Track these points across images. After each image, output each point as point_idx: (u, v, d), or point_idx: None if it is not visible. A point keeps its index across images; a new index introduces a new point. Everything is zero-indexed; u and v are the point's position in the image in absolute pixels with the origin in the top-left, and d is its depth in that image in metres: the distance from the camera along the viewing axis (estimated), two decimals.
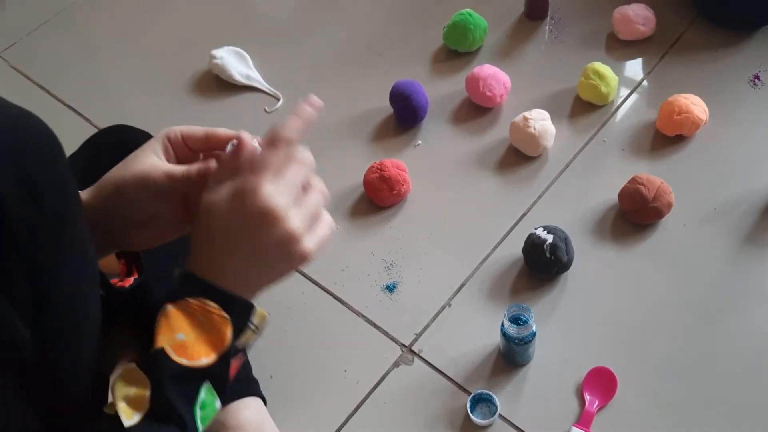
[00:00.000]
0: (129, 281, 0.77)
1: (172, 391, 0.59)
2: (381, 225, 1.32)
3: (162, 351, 0.59)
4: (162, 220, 0.68)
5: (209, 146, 0.68)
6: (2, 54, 1.67)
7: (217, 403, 0.63)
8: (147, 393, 0.58)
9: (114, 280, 0.75)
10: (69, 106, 1.55)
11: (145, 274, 0.77)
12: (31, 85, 1.60)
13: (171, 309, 0.60)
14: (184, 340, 0.59)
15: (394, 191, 1.30)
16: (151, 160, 0.66)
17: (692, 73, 1.46)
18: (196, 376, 0.60)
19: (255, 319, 0.63)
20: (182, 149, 0.68)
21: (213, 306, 0.60)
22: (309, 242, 0.60)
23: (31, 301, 0.55)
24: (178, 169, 0.65)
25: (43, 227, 0.54)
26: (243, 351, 0.65)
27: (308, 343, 1.20)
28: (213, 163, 0.65)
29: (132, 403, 0.58)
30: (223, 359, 0.61)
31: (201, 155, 0.69)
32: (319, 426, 1.12)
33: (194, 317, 0.60)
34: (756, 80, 1.45)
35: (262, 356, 1.17)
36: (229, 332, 0.61)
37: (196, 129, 0.68)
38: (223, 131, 0.68)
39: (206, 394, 0.61)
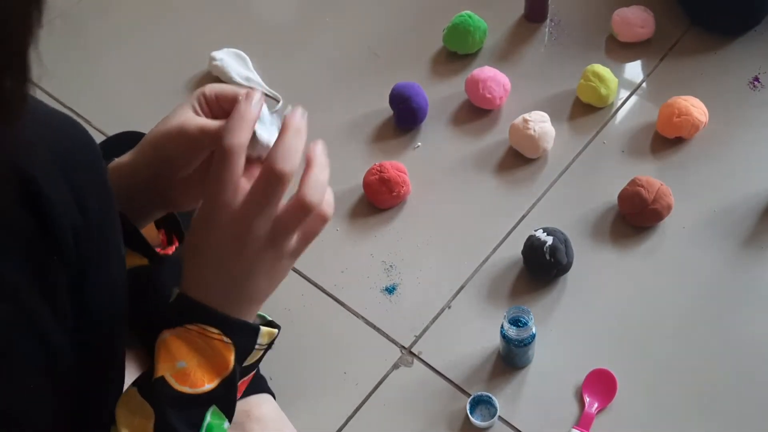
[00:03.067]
0: (171, 250, 0.75)
1: (175, 418, 0.58)
2: (380, 227, 1.32)
3: (163, 380, 0.58)
4: (201, 175, 0.66)
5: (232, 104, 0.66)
6: None
7: (226, 425, 0.62)
8: (150, 424, 0.57)
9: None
10: (68, 107, 1.55)
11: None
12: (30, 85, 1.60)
13: (169, 337, 0.59)
14: (186, 367, 0.58)
15: (393, 193, 1.30)
16: (187, 115, 0.64)
17: (692, 75, 1.46)
18: (200, 402, 0.59)
19: (262, 339, 0.62)
20: (217, 108, 0.66)
21: (214, 332, 0.59)
22: (293, 251, 0.60)
23: (71, 308, 0.56)
24: (213, 123, 0.63)
25: (87, 233, 0.55)
26: (254, 368, 0.64)
27: (308, 345, 1.20)
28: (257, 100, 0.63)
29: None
30: (228, 383, 0.60)
31: None
32: (319, 428, 1.12)
33: (194, 344, 0.59)
34: (755, 82, 1.45)
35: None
36: (231, 357, 0.59)
37: (227, 88, 0.66)
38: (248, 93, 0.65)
39: (212, 417, 0.60)
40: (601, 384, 1.11)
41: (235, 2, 1.73)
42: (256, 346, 0.62)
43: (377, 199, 1.32)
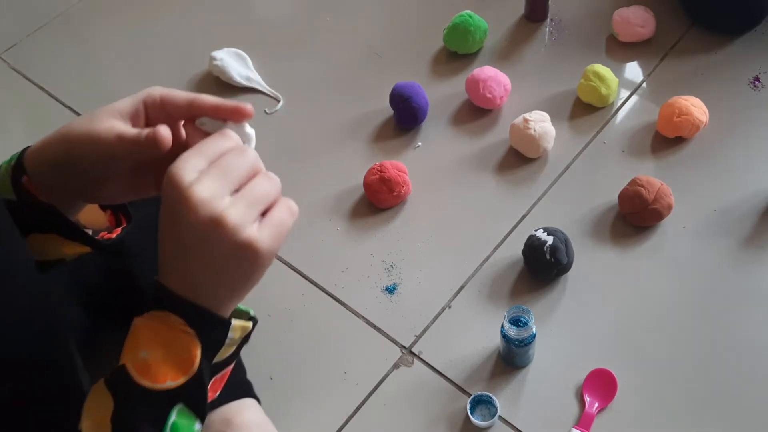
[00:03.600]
0: (118, 231, 0.71)
1: (134, 413, 0.55)
2: (381, 227, 1.32)
3: (124, 370, 0.55)
4: (115, 181, 0.63)
5: (192, 114, 0.61)
6: (2, 55, 1.67)
7: (197, 426, 0.58)
8: (109, 416, 0.55)
9: (103, 234, 0.71)
10: (69, 107, 1.55)
11: (133, 221, 0.71)
12: (31, 86, 1.60)
13: (138, 322, 0.56)
14: (147, 358, 0.55)
15: (393, 193, 1.30)
16: (109, 122, 0.59)
17: (692, 75, 1.46)
18: (162, 399, 0.56)
19: (234, 333, 0.58)
20: (159, 114, 0.61)
21: (177, 321, 0.55)
22: (253, 230, 0.54)
23: None
24: (130, 132, 0.59)
25: None
26: (228, 364, 0.61)
27: (308, 344, 1.20)
28: (165, 131, 0.57)
29: (98, 425, 0.55)
30: (195, 381, 0.56)
31: (183, 123, 0.62)
32: (319, 427, 1.12)
33: (159, 333, 0.55)
34: (756, 82, 1.45)
35: (262, 357, 1.17)
36: (197, 351, 0.56)
37: (179, 94, 0.61)
38: (209, 99, 0.60)
39: (179, 416, 0.57)
40: (602, 384, 1.11)
41: (235, 2, 1.73)
42: (227, 341, 0.58)
43: (377, 199, 1.32)
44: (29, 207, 0.63)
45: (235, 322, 0.58)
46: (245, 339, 0.60)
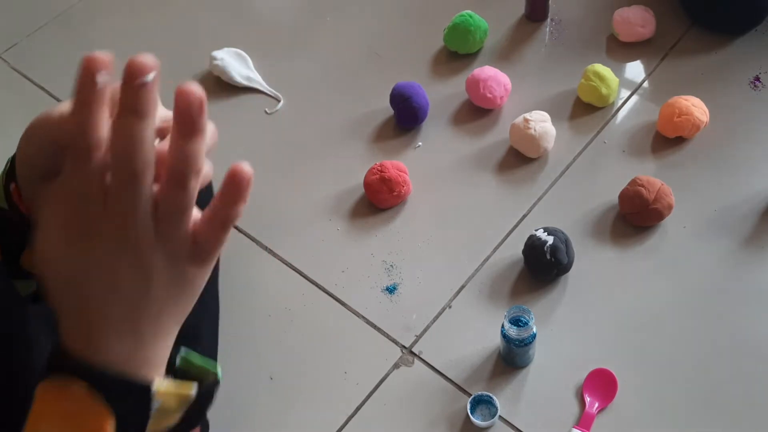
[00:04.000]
0: None
1: None
2: (381, 226, 1.32)
3: None
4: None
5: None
6: (3, 55, 1.67)
7: None
8: None
9: None
10: None
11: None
12: (31, 86, 1.60)
13: (38, 393, 0.43)
14: None
15: (394, 193, 1.30)
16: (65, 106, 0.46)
17: (692, 75, 1.46)
18: None
19: (165, 401, 0.44)
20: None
21: (80, 390, 0.42)
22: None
23: None
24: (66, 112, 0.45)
25: None
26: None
27: (308, 344, 1.20)
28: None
29: None
30: None
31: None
32: (319, 428, 1.12)
33: (59, 406, 0.43)
34: (756, 82, 1.45)
35: (262, 357, 1.17)
36: (109, 427, 0.42)
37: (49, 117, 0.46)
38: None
39: None
40: (602, 384, 1.11)
41: (236, 2, 1.73)
42: (153, 411, 0.43)
43: (378, 199, 1.32)
44: (20, 219, 0.54)
45: (163, 387, 0.44)
46: (207, 399, 0.47)
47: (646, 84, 1.47)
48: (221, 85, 1.54)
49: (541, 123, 1.33)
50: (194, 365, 0.48)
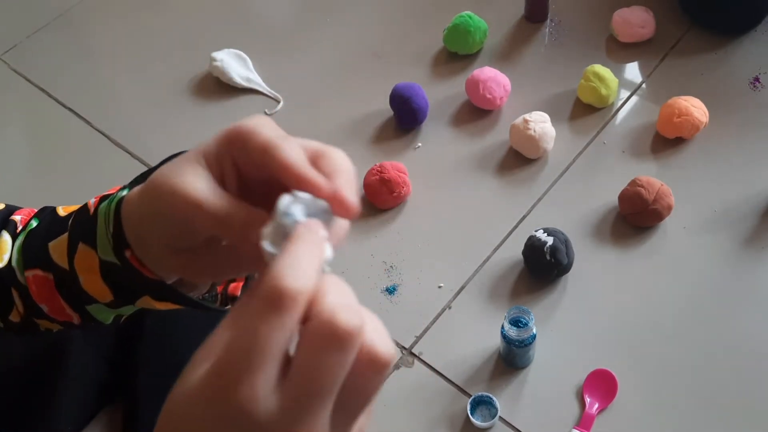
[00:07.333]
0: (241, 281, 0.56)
1: None
2: (381, 227, 1.32)
3: None
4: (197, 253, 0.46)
5: (266, 170, 0.42)
6: (3, 57, 1.67)
7: None
8: None
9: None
10: (69, 109, 1.55)
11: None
12: (31, 87, 1.60)
13: None
14: None
15: (393, 193, 1.30)
16: (191, 176, 0.41)
17: (692, 76, 1.46)
18: None
19: None
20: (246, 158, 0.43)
21: None
22: None
23: None
24: (213, 203, 0.41)
25: None
26: None
27: None
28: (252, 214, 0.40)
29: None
30: None
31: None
32: None
33: None
34: (756, 82, 1.45)
35: None
36: None
37: (257, 137, 0.42)
38: (290, 157, 0.41)
39: None
40: (602, 384, 1.11)
41: (235, 2, 1.73)
42: None
43: (378, 200, 1.32)
44: (134, 276, 0.48)
45: None
46: None
47: (645, 84, 1.47)
48: (221, 86, 1.54)
49: (541, 124, 1.33)
50: None
